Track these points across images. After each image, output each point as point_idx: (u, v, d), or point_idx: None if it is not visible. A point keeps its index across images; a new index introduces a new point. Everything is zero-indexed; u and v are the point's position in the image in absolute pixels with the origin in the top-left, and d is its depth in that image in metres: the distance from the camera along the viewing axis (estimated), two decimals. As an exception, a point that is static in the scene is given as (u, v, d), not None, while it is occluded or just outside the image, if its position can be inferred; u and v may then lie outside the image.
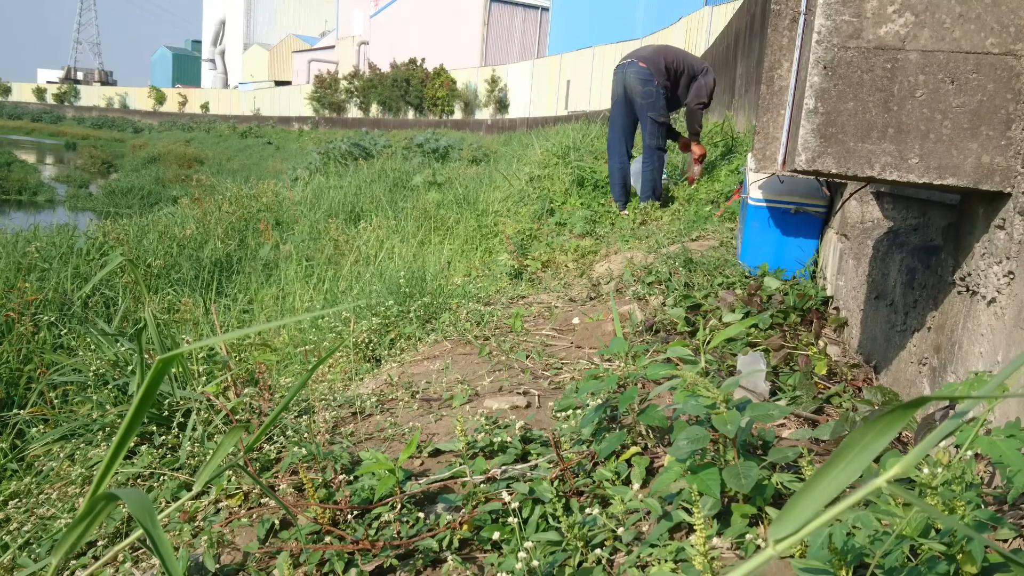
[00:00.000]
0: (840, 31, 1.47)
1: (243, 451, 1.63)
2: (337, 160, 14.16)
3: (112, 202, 16.59)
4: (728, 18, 11.59)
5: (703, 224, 4.56)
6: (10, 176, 20.09)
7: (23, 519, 1.90)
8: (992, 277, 1.43)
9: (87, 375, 2.61)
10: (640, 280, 3.40)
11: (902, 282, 1.98)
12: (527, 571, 1.28)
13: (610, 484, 1.60)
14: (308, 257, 6.14)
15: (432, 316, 3.57)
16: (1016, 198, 1.39)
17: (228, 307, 4.97)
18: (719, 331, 1.54)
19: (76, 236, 6.19)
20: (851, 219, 2.63)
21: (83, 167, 25.96)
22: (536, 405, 2.28)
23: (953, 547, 0.95)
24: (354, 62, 46.82)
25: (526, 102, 31.16)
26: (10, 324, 3.54)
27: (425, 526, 1.58)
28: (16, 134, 43.94)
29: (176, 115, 57.61)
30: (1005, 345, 1.36)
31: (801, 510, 0.44)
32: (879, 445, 0.43)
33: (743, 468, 1.28)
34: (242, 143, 31.61)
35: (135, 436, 0.98)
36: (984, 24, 1.41)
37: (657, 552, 1.31)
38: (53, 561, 0.62)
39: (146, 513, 0.56)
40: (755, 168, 1.84)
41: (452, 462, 1.86)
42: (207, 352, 2.62)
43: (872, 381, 2.09)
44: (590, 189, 6.42)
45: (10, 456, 2.39)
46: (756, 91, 6.67)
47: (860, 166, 1.49)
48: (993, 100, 1.42)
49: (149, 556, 1.70)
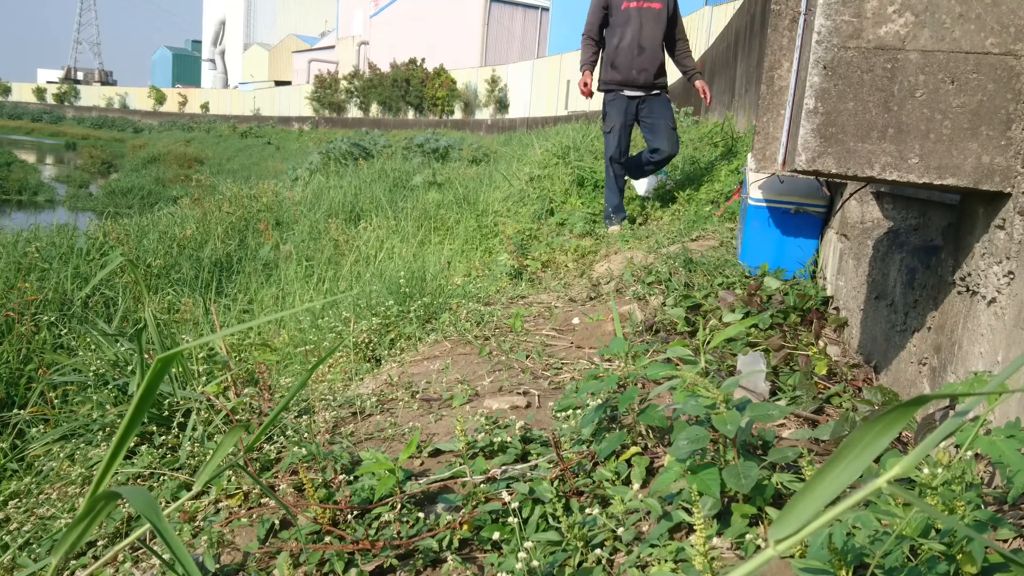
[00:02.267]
0: (840, 31, 1.47)
1: (243, 451, 1.63)
2: (337, 160, 14.15)
3: (112, 202, 16.59)
4: (728, 18, 11.60)
5: (703, 224, 4.56)
6: (10, 176, 20.09)
7: (23, 519, 1.90)
8: (992, 277, 1.43)
9: (87, 375, 2.61)
10: (640, 280, 3.39)
11: (902, 282, 1.98)
12: (527, 571, 1.28)
13: (610, 484, 1.60)
14: (308, 257, 6.14)
15: (432, 316, 3.57)
16: (1016, 198, 1.39)
17: (228, 307, 4.97)
18: (719, 331, 1.54)
19: (76, 236, 6.19)
20: (851, 219, 2.63)
21: (83, 167, 25.96)
22: (536, 405, 2.28)
23: (953, 547, 0.95)
24: (354, 62, 46.81)
25: (526, 102, 31.16)
26: (10, 324, 3.54)
27: (425, 526, 1.58)
28: (16, 134, 43.95)
29: (176, 115, 57.60)
30: (1005, 345, 1.36)
31: (802, 510, 0.44)
32: (880, 445, 0.43)
33: (743, 468, 1.28)
34: (242, 143, 31.61)
35: (135, 436, 0.98)
36: (984, 24, 1.41)
37: (657, 552, 1.31)
38: (53, 561, 0.62)
39: (151, 509, 0.56)
40: (755, 168, 1.84)
41: (452, 462, 1.86)
42: (207, 352, 2.62)
43: (872, 381, 2.09)
44: (590, 189, 6.42)
45: (10, 456, 2.39)
46: (756, 91, 6.67)
47: (860, 166, 1.49)
48: (993, 100, 1.42)
49: (149, 556, 1.70)
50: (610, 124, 5.13)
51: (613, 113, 5.10)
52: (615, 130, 5.12)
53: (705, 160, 6.45)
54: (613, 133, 5.13)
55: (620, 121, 5.09)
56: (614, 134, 5.13)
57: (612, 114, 5.11)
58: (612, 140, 5.15)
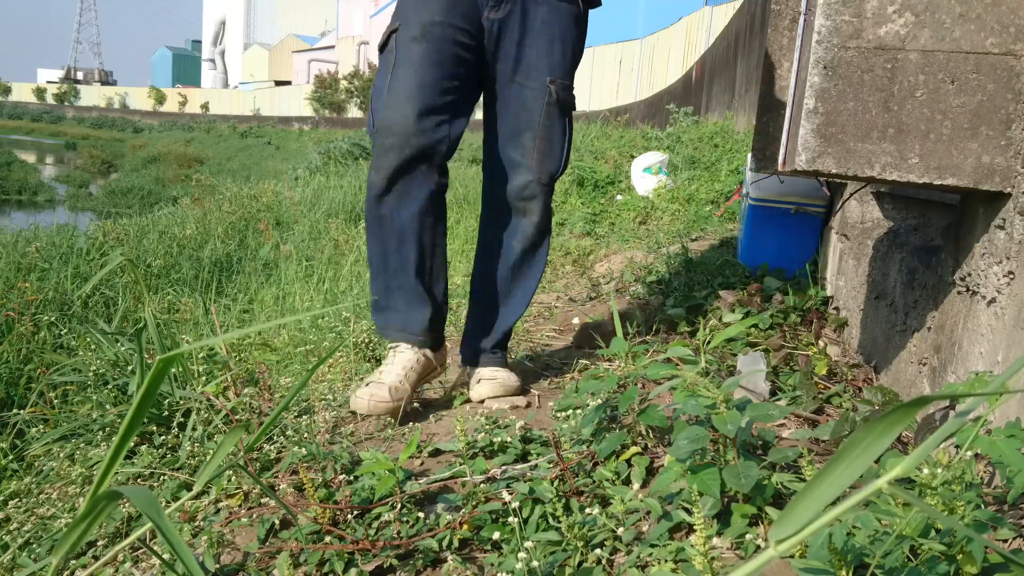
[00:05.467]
0: (840, 31, 1.47)
1: (243, 451, 1.63)
2: (337, 160, 14.16)
3: (112, 202, 16.59)
4: (728, 18, 11.60)
5: (703, 224, 4.56)
6: (10, 176, 20.09)
7: (23, 519, 1.89)
8: (992, 277, 1.43)
9: (87, 375, 2.61)
10: (640, 280, 3.40)
11: (902, 282, 1.98)
12: (527, 571, 1.28)
13: (610, 484, 1.60)
14: (308, 257, 6.14)
15: (432, 316, 3.56)
16: (1016, 198, 1.39)
17: (228, 307, 4.97)
18: (719, 331, 1.54)
19: (76, 236, 6.19)
20: (851, 219, 2.63)
21: (83, 167, 25.97)
22: (536, 405, 2.28)
23: (953, 547, 0.95)
24: (354, 62, 46.80)
25: (526, 102, 31.07)
26: (10, 324, 3.54)
27: (425, 526, 1.58)
28: (16, 134, 43.94)
29: (176, 115, 57.59)
30: (1005, 345, 1.36)
31: (803, 511, 0.44)
32: (881, 446, 0.43)
33: (743, 468, 1.28)
34: (242, 143, 31.60)
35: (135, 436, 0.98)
36: (984, 24, 1.41)
37: (657, 552, 1.31)
38: (53, 561, 0.62)
39: (153, 508, 0.56)
40: (755, 168, 1.84)
41: (452, 462, 1.86)
42: (207, 352, 2.62)
43: (872, 381, 2.09)
44: (590, 189, 6.43)
45: (10, 456, 2.38)
46: (756, 91, 6.68)
47: (860, 166, 1.49)
48: (993, 100, 1.42)
49: (149, 556, 1.70)
50: (387, 62, 1.99)
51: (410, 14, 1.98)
52: (400, 72, 1.95)
53: (705, 160, 6.45)
54: (395, 83, 1.95)
55: (420, 49, 1.94)
56: (399, 84, 1.94)
57: (404, 28, 1.97)
58: (394, 105, 1.94)
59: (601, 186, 6.26)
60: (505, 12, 2.03)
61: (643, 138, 9.02)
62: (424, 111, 1.94)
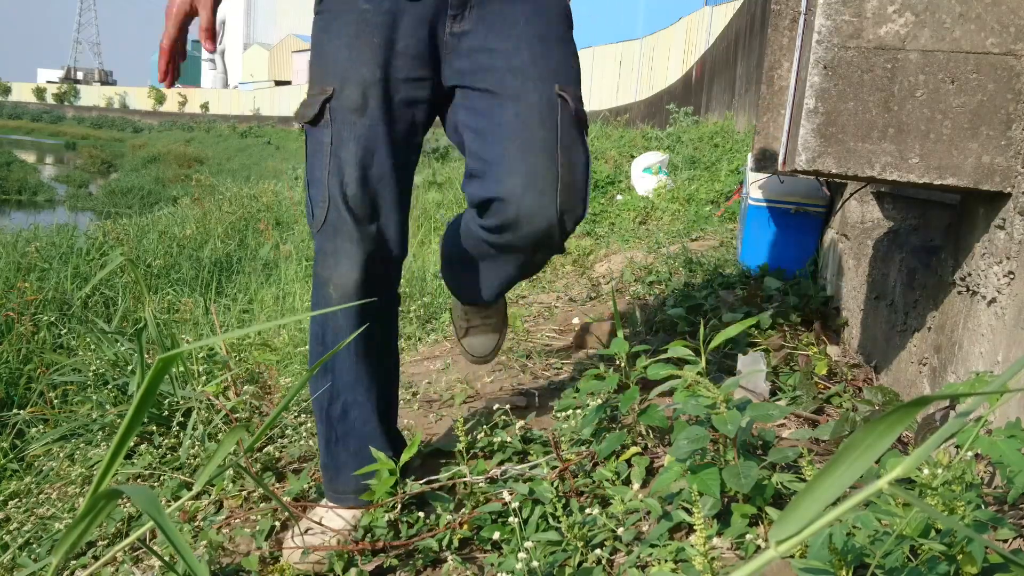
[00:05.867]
0: (840, 31, 1.47)
1: (243, 451, 1.63)
2: (337, 160, 14.13)
3: (112, 202, 16.59)
4: (728, 18, 11.59)
5: (703, 224, 4.56)
6: (10, 176, 20.10)
7: (23, 519, 1.90)
8: (992, 277, 1.43)
9: (87, 375, 2.62)
10: (640, 280, 3.40)
11: (902, 282, 1.98)
12: (527, 571, 1.28)
13: (610, 484, 1.60)
14: (308, 257, 6.13)
15: (432, 316, 3.57)
16: (1016, 198, 1.39)
17: (228, 307, 4.97)
18: (719, 331, 1.54)
19: (76, 236, 6.19)
20: (851, 219, 2.63)
21: (83, 167, 25.98)
22: (536, 405, 2.28)
23: (953, 547, 0.95)
24: (354, 62, 46.72)
25: (526, 102, 31.06)
26: (10, 324, 3.54)
27: (425, 526, 1.58)
28: (16, 134, 43.95)
29: (176, 115, 57.61)
30: (1005, 345, 1.36)
31: (803, 511, 0.44)
32: (882, 446, 0.43)
33: (743, 468, 1.28)
34: (242, 143, 31.60)
35: (135, 436, 0.98)
36: (984, 24, 1.41)
37: (657, 552, 1.31)
38: (53, 561, 0.62)
39: (153, 507, 0.56)
40: (755, 168, 1.84)
41: (452, 462, 1.86)
42: (207, 352, 2.62)
43: (872, 381, 2.09)
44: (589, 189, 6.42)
45: (10, 456, 2.39)
46: (756, 91, 6.67)
47: (860, 166, 1.49)
48: (993, 100, 1.42)
49: (149, 556, 1.70)
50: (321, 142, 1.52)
51: (333, 48, 1.50)
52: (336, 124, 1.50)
53: (705, 160, 6.45)
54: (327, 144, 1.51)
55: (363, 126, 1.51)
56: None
57: (328, 60, 1.52)
58: (322, 163, 1.52)
59: (601, 186, 6.26)
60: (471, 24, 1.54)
61: (643, 138, 9.02)
62: (373, 251, 1.56)
